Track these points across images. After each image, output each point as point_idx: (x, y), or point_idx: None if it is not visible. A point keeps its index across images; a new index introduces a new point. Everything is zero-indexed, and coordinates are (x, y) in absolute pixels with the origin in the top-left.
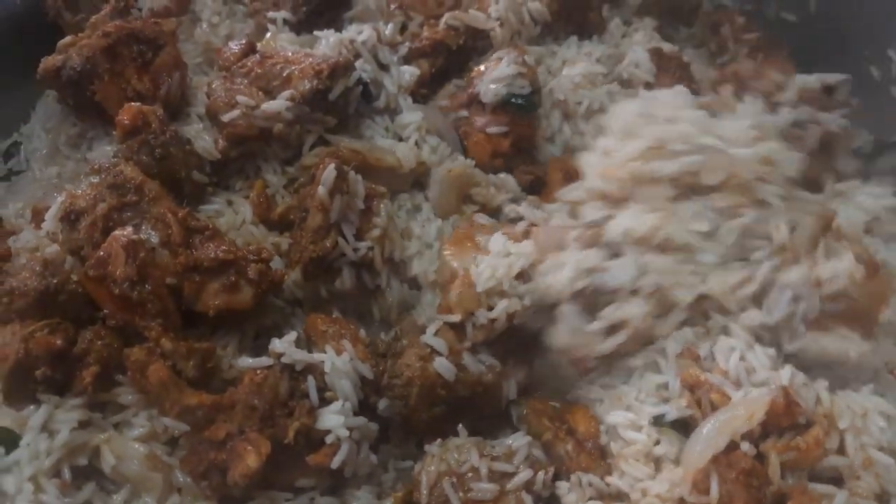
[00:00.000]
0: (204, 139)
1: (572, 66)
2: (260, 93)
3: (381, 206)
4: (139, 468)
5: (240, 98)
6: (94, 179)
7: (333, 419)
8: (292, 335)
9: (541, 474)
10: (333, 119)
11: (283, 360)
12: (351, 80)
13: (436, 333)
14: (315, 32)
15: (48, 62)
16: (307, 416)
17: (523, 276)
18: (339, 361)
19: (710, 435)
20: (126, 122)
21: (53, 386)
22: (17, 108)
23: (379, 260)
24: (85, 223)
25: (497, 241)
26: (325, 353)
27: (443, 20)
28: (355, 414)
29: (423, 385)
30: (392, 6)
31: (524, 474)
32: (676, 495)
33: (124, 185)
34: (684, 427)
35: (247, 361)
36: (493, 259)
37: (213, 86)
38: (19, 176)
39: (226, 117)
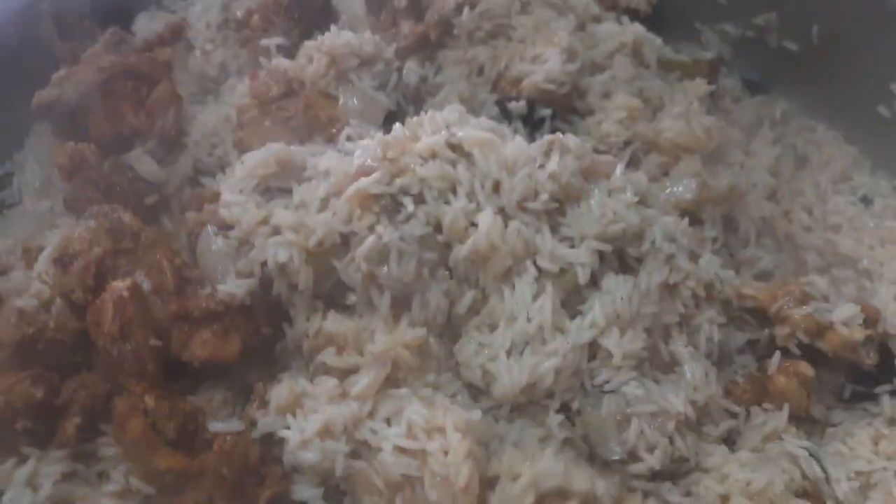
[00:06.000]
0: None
1: None
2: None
3: None
4: None
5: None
6: (92, 223)
7: (309, 490)
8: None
9: None
10: None
11: (257, 430)
12: None
13: None
14: None
15: (41, 96)
16: (279, 483)
17: None
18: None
19: None
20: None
21: (36, 438)
22: (9, 135)
23: None
24: (77, 266)
25: None
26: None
27: None
28: None
29: None
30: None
31: None
32: None
33: (121, 230)
34: None
35: (217, 426)
36: None
37: (247, 116)
38: (11, 209)
39: None
